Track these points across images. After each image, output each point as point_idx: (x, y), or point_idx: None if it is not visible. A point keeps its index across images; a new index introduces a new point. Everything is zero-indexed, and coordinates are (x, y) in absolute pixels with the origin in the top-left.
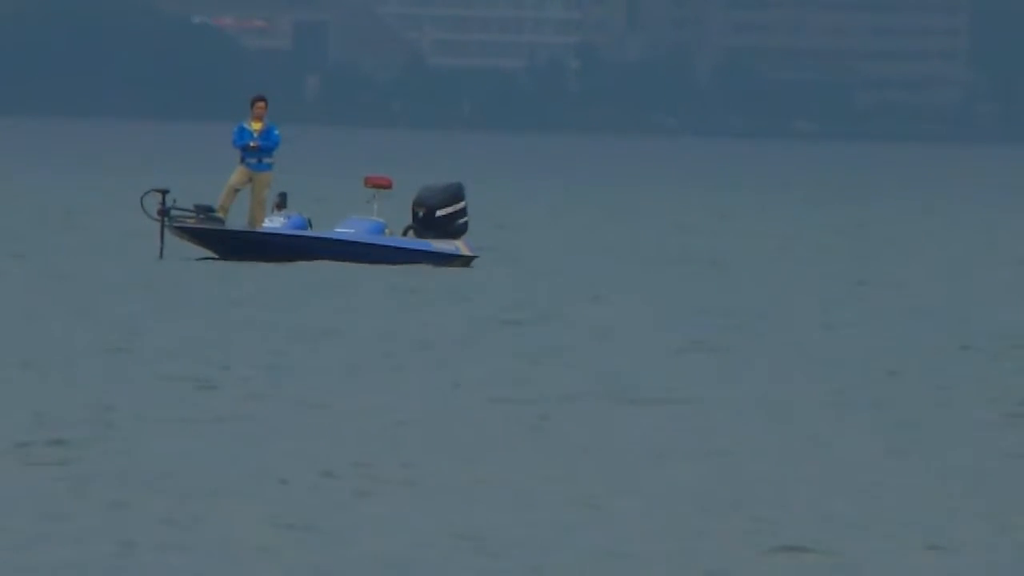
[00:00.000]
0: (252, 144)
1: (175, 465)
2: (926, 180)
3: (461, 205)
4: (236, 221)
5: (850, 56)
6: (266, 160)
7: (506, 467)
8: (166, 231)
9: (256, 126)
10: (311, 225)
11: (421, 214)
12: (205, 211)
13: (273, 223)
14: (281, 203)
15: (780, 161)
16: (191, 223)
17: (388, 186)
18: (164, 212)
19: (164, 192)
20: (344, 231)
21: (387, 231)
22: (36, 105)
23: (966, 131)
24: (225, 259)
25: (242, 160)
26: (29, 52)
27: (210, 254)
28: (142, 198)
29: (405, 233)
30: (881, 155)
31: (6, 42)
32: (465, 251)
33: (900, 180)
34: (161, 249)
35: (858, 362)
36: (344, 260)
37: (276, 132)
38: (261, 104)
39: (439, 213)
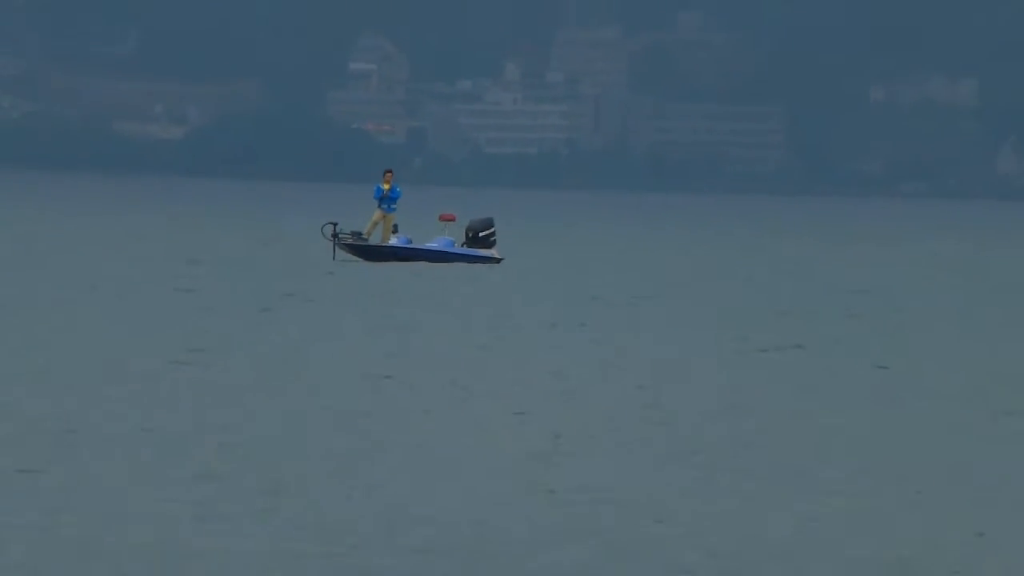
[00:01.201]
0: (384, 192)
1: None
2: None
3: (492, 229)
4: (373, 240)
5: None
6: (392, 206)
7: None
8: (336, 246)
9: (386, 186)
10: (411, 242)
11: (471, 235)
12: (357, 235)
13: (393, 241)
14: (395, 230)
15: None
16: (349, 241)
17: (453, 219)
18: (335, 235)
19: (335, 224)
20: (432, 245)
21: (455, 244)
22: (268, 171)
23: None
24: (367, 261)
25: (378, 206)
26: (254, 142)
27: (358, 259)
28: (322, 227)
29: (462, 245)
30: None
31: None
32: (496, 256)
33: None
34: (333, 255)
35: None
36: (431, 261)
37: (398, 189)
38: (389, 173)
39: (481, 234)
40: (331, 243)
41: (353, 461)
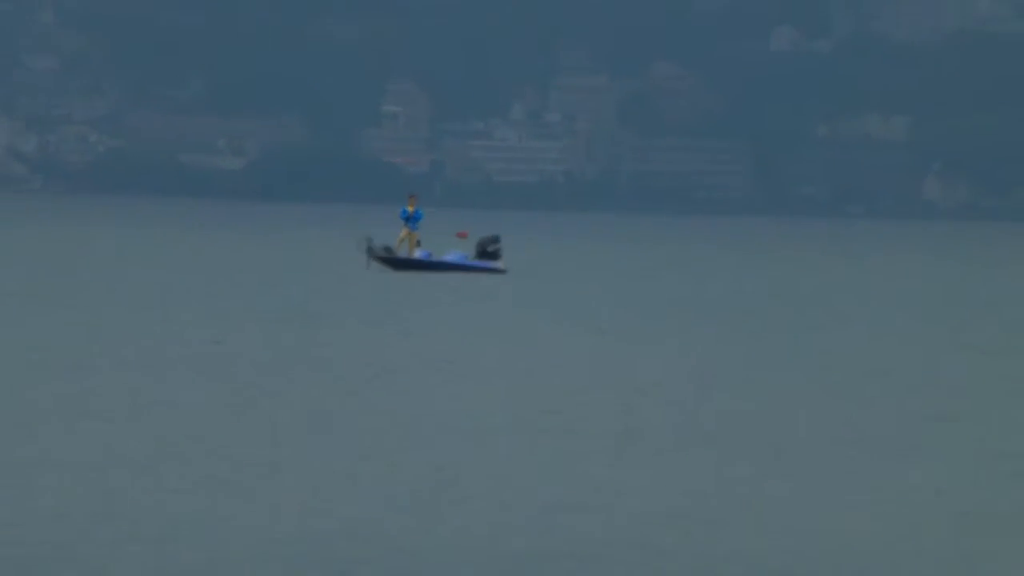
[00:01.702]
0: (409, 213)
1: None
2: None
3: (498, 244)
4: (401, 253)
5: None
6: (415, 225)
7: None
8: (369, 258)
9: (410, 208)
10: (431, 255)
11: (480, 249)
12: (387, 248)
13: (416, 254)
14: (418, 244)
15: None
16: (380, 253)
17: (466, 236)
18: (368, 248)
19: (368, 238)
20: (449, 257)
21: (468, 257)
22: (313, 195)
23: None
24: (394, 270)
25: (404, 224)
26: (301, 170)
27: (387, 269)
28: (356, 241)
29: (474, 257)
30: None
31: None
32: (501, 267)
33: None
34: (367, 265)
35: None
36: (448, 271)
37: (420, 212)
38: (413, 198)
39: (488, 248)
40: (365, 254)
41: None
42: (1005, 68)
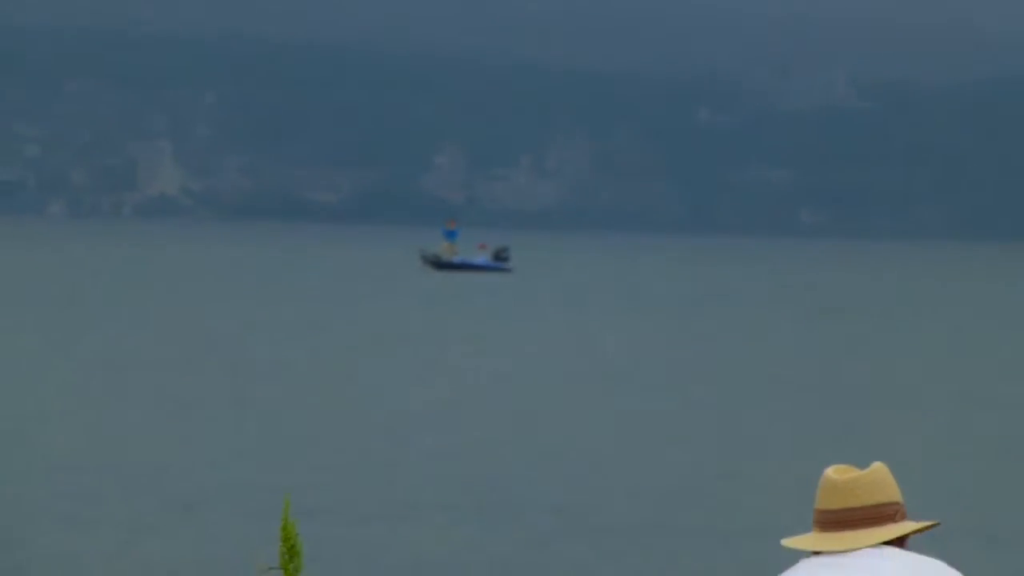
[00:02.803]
0: (448, 231)
1: None
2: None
3: (507, 252)
4: (444, 259)
5: None
6: (453, 240)
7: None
8: (423, 261)
9: (450, 227)
10: (463, 260)
11: (495, 255)
12: (434, 255)
13: (453, 259)
14: (455, 252)
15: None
16: (430, 259)
17: (485, 248)
18: (422, 255)
19: (422, 248)
20: (475, 260)
21: (488, 260)
22: (387, 220)
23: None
24: (437, 270)
25: (445, 239)
26: (378, 203)
27: (433, 268)
28: (420, 250)
29: (491, 261)
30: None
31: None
32: (509, 268)
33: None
34: (422, 266)
35: None
36: (474, 271)
37: (456, 231)
38: (452, 221)
39: (501, 255)
40: (421, 260)
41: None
42: (852, 132)
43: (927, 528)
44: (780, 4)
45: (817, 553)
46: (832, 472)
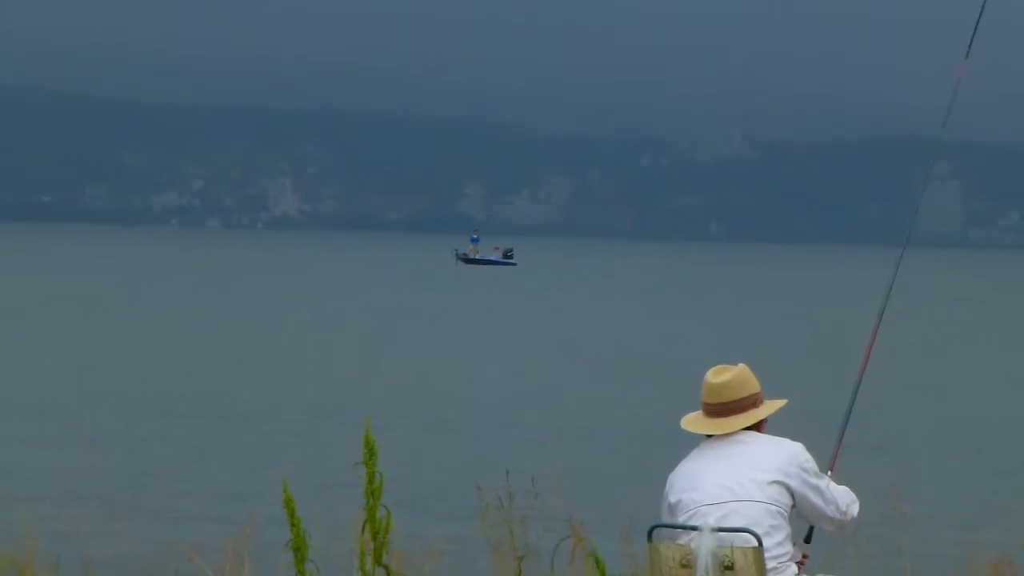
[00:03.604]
0: (474, 238)
1: None
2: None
3: (512, 251)
4: (471, 256)
5: None
6: (477, 244)
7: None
8: (456, 258)
9: (475, 235)
10: (484, 257)
11: (504, 253)
12: (464, 254)
13: (476, 256)
14: (478, 252)
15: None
16: (462, 257)
17: (499, 249)
18: (456, 254)
19: (456, 249)
20: (491, 257)
21: (499, 257)
22: (432, 231)
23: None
24: (466, 264)
25: (472, 243)
26: (427, 222)
27: (463, 263)
28: (455, 250)
29: (502, 257)
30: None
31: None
32: (515, 262)
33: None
34: (455, 262)
35: None
36: (491, 264)
37: (480, 238)
38: (477, 231)
39: (507, 254)
40: (455, 257)
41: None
42: (746, 173)
43: (779, 408)
44: (702, 82)
45: (709, 437)
46: (711, 376)
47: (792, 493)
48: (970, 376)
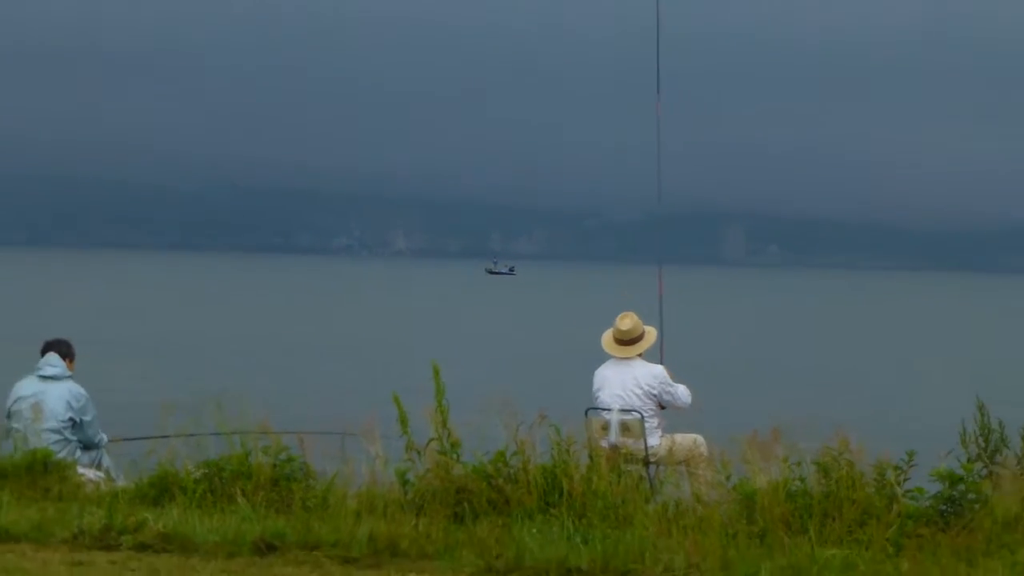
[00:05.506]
0: (494, 260)
1: None
2: None
3: (514, 268)
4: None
5: None
6: (496, 263)
7: None
8: (487, 271)
9: (494, 260)
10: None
11: (509, 268)
12: (489, 269)
13: (495, 270)
14: (495, 268)
15: None
16: (488, 269)
17: (507, 265)
18: (486, 269)
19: (486, 266)
20: (502, 271)
21: (507, 270)
22: (464, 256)
23: None
24: (489, 275)
25: (492, 263)
26: (460, 249)
27: (488, 274)
28: (485, 267)
29: (508, 271)
30: None
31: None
32: (515, 273)
33: None
34: (485, 273)
35: None
36: (502, 275)
37: (497, 260)
38: (495, 258)
39: (512, 269)
40: (485, 271)
41: None
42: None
43: (654, 337)
44: (640, 156)
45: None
46: (618, 321)
47: (658, 394)
48: None
